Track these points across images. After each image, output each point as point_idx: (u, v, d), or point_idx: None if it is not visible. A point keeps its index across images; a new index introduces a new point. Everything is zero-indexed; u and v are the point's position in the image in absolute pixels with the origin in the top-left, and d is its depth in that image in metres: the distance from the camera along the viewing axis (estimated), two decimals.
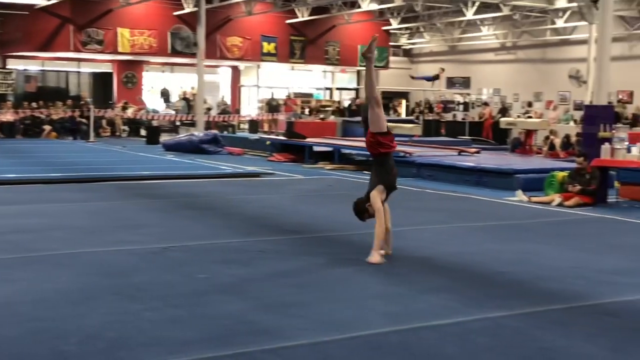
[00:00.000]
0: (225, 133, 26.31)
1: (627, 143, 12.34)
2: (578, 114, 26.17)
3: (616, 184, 13.04)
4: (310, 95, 35.66)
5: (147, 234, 8.31)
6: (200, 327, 4.90)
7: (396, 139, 23.55)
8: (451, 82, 35.79)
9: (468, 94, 34.70)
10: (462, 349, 4.64)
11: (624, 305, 5.77)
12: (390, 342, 4.72)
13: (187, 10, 29.64)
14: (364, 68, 7.65)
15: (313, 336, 4.76)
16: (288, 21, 33.10)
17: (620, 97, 28.00)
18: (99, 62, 31.90)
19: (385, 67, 36.18)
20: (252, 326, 4.94)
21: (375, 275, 6.50)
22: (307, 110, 31.79)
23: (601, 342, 4.84)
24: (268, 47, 33.15)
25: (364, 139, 23.13)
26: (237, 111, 33.25)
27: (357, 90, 37.05)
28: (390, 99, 36.00)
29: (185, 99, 30.98)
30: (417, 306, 5.58)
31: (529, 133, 21.93)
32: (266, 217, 9.72)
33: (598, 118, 12.53)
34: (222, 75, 35.15)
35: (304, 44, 34.08)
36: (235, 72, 35.07)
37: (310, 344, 4.63)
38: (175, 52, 30.94)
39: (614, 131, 12.49)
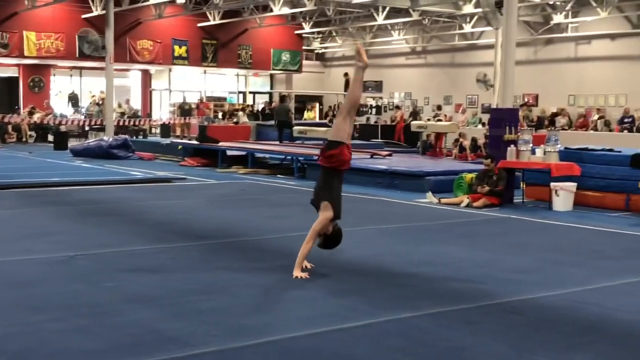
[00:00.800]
0: (134, 137, 25.87)
1: (531, 145, 12.72)
2: (486, 117, 26.82)
3: (522, 184, 13.42)
4: (223, 99, 35.44)
5: (54, 242, 8.08)
6: (107, 337, 4.79)
7: (310, 142, 23.50)
8: (364, 86, 36.13)
9: (380, 98, 35.16)
10: (371, 351, 4.68)
11: (527, 302, 5.93)
12: (300, 346, 4.72)
13: (95, 13, 29.06)
14: (281, 72, 7.50)
15: (223, 343, 4.71)
16: (199, 24, 32.83)
17: (526, 100, 28.84)
18: (5, 67, 30.90)
19: (299, 71, 36.33)
20: (161, 334, 4.86)
21: (288, 279, 6.50)
22: (220, 114, 31.59)
23: (506, 339, 4.96)
24: (179, 50, 32.81)
25: (277, 142, 22.90)
26: (149, 115, 32.78)
27: (270, 93, 37.03)
28: (304, 102, 36.18)
29: (98, 103, 30.34)
30: (329, 309, 5.60)
31: (439, 136, 22.36)
32: (177, 223, 9.59)
33: (504, 121, 12.86)
34: (132, 78, 34.58)
35: (216, 47, 33.87)
36: (146, 75, 34.56)
37: (220, 350, 4.58)
38: (83, 56, 30.24)
39: (519, 133, 12.86)
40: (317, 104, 37.46)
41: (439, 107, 30.99)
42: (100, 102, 29.16)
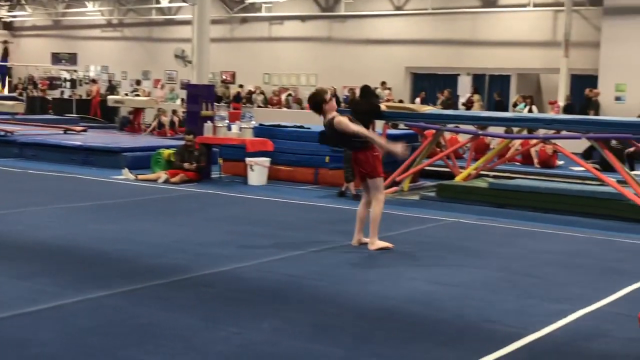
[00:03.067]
0: None
1: (227, 121, 13.00)
2: (185, 93, 26.87)
3: (219, 160, 13.67)
4: None
5: None
6: None
7: None
8: (57, 58, 34.45)
9: (75, 71, 33.72)
10: (59, 333, 4.50)
11: (219, 275, 6.08)
12: None
13: None
14: None
15: None
16: None
17: (224, 77, 29.37)
18: None
19: None
20: None
21: None
22: None
23: (197, 312, 5.05)
24: None
25: None
26: None
27: None
28: None
29: None
30: (14, 293, 5.31)
31: (138, 111, 22.03)
32: None
33: (200, 97, 12.99)
34: None
35: None
36: None
37: None
38: None
39: (215, 110, 13.08)
40: (5, 77, 34.98)
41: (138, 82, 30.47)
42: None
